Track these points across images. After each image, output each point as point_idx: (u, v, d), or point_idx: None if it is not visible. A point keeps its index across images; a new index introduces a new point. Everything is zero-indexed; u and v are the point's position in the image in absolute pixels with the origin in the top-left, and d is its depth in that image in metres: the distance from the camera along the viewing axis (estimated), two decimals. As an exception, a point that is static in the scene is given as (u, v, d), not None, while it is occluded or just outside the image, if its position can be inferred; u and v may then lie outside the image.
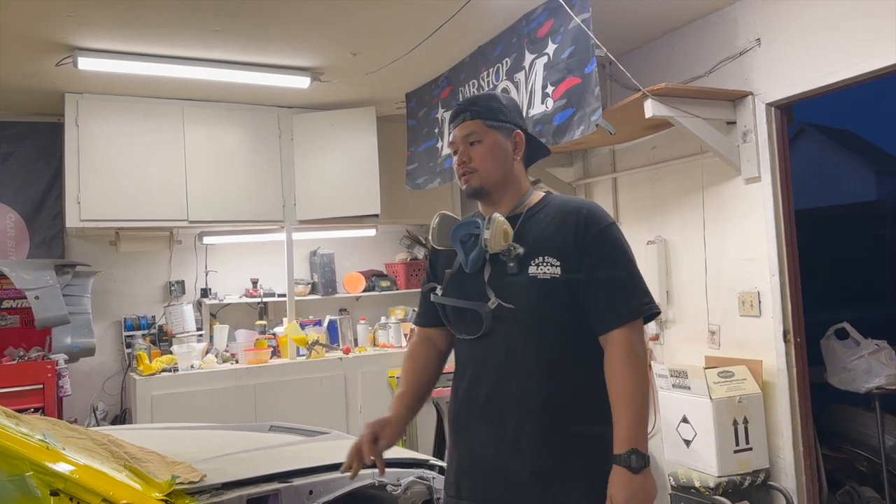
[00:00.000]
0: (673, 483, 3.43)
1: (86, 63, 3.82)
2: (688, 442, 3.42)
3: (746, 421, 3.32)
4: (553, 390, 1.68)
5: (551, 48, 3.36)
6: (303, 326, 5.06)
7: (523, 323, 1.71)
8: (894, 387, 3.67)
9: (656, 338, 4.06)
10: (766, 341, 3.42)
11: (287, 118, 5.03)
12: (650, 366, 3.23)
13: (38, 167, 4.83)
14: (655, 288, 3.93)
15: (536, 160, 1.97)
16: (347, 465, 1.78)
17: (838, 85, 3.11)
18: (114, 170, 4.48)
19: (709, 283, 3.74)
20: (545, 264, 1.70)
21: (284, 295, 5.14)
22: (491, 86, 3.90)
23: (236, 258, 5.37)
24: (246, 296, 5.24)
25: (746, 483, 3.28)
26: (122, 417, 4.83)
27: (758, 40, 3.43)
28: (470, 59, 4.09)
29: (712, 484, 3.23)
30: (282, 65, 4.19)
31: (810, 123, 15.68)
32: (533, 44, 3.50)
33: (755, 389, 3.38)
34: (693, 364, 3.52)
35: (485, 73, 3.94)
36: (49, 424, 2.05)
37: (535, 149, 1.94)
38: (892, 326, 4.29)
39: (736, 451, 3.29)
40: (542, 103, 3.41)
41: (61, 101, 4.43)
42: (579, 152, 4.71)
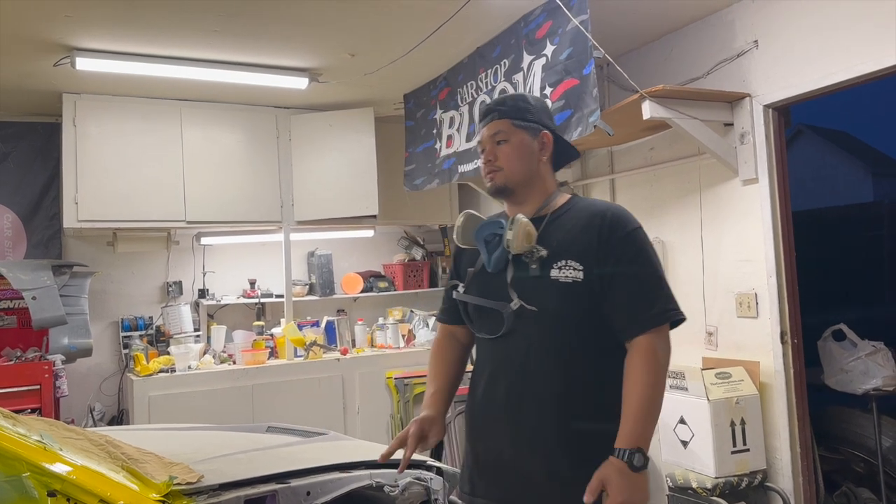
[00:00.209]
0: (670, 484, 3.44)
1: (84, 63, 3.81)
2: (685, 443, 3.42)
3: (744, 422, 3.33)
4: (572, 392, 1.69)
5: (549, 49, 3.36)
6: (300, 327, 5.06)
7: (544, 325, 1.71)
8: (891, 388, 3.68)
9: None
10: (764, 342, 3.43)
11: (285, 119, 5.03)
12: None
13: (36, 167, 4.82)
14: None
15: (566, 163, 1.97)
16: (387, 455, 1.80)
17: (836, 87, 3.12)
18: (111, 170, 4.47)
19: (706, 285, 3.75)
20: (567, 267, 1.70)
21: (282, 296, 5.14)
22: (489, 87, 3.90)
23: (234, 259, 5.37)
24: (243, 296, 5.24)
25: (744, 484, 3.29)
26: (120, 418, 4.82)
27: (755, 42, 3.44)
28: (468, 61, 4.10)
29: (709, 485, 3.23)
30: (280, 65, 4.19)
31: (808, 125, 15.73)
32: (531, 45, 3.50)
33: (752, 391, 3.39)
34: (690, 365, 3.53)
35: (483, 75, 3.94)
36: (46, 425, 2.04)
37: (564, 151, 1.94)
38: (890, 328, 4.30)
39: (733, 452, 3.30)
40: (540, 104, 3.41)
41: (59, 102, 4.42)
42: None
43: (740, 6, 3.52)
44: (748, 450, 3.33)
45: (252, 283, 5.28)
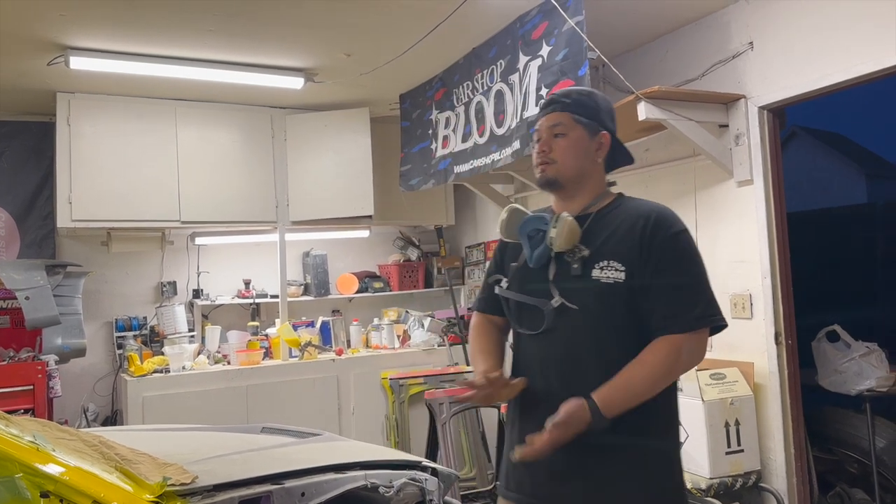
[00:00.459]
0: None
1: (78, 62, 3.80)
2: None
3: (738, 423, 3.34)
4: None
5: (545, 50, 3.36)
6: (295, 328, 5.05)
7: (583, 324, 1.71)
8: (885, 389, 3.69)
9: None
10: (758, 343, 3.44)
11: (280, 119, 5.02)
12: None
13: (29, 167, 4.80)
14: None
15: (620, 166, 1.95)
16: (470, 391, 1.74)
17: (831, 88, 3.13)
18: (105, 170, 4.46)
19: (701, 286, 3.75)
20: (609, 268, 1.69)
21: (277, 296, 5.13)
22: (485, 87, 3.90)
23: (229, 259, 5.36)
24: (238, 297, 5.23)
25: (738, 485, 3.29)
26: (113, 419, 4.81)
27: (750, 44, 3.45)
28: (464, 61, 4.10)
29: (704, 485, 3.24)
30: (275, 65, 4.19)
31: (802, 127, 15.78)
32: (527, 46, 3.50)
33: (747, 391, 3.40)
34: (685, 366, 3.53)
35: (479, 75, 3.94)
36: (39, 426, 2.03)
37: (620, 154, 1.92)
38: (883, 329, 4.31)
39: (727, 453, 3.30)
40: (536, 105, 3.41)
41: (53, 101, 4.41)
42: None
43: (736, 8, 3.52)
44: (742, 450, 3.34)
45: (247, 284, 5.26)
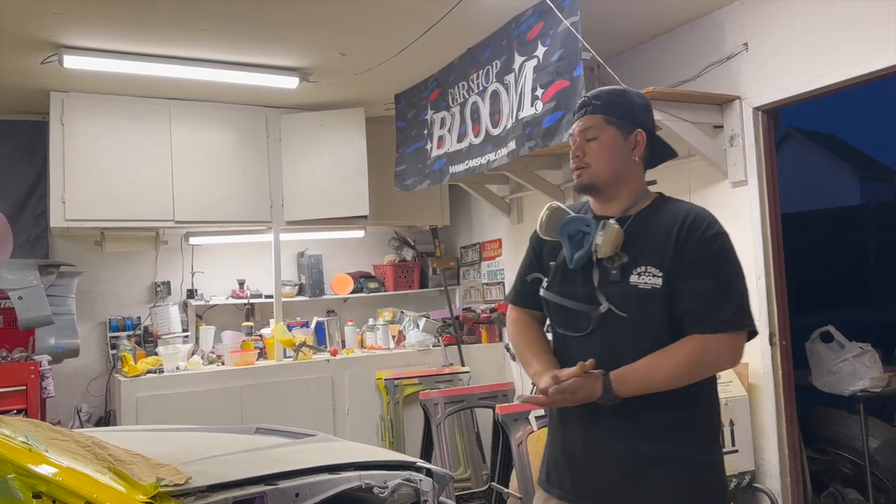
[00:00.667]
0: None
1: (71, 61, 3.78)
2: (674, 444, 3.43)
3: (732, 423, 3.34)
4: (648, 398, 1.68)
5: (541, 51, 3.36)
6: (290, 328, 5.04)
7: (623, 329, 1.72)
8: (878, 389, 3.71)
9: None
10: (752, 344, 3.40)
11: (275, 118, 5.01)
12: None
13: (22, 166, 4.78)
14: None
15: (661, 161, 1.92)
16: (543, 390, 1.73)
17: (825, 89, 3.14)
18: (99, 169, 4.44)
19: (696, 286, 3.75)
20: (647, 274, 1.70)
21: (271, 296, 5.11)
22: (480, 88, 3.90)
23: (223, 259, 5.34)
24: (232, 297, 5.22)
25: (732, 485, 3.30)
26: (107, 419, 4.79)
27: (745, 45, 3.46)
28: (459, 61, 4.10)
29: (698, 486, 3.24)
30: (270, 65, 4.18)
31: (796, 128, 15.84)
32: (522, 46, 3.51)
33: (741, 392, 3.40)
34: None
35: (475, 76, 3.94)
36: (32, 426, 2.02)
37: (660, 149, 1.89)
38: (877, 330, 4.33)
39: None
40: (532, 106, 3.41)
41: (46, 100, 4.39)
42: (568, 155, 4.70)
43: (730, 9, 3.53)
44: (737, 451, 3.34)
45: (241, 284, 5.25)
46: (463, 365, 5.08)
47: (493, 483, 3.60)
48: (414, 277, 5.83)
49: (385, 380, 4.83)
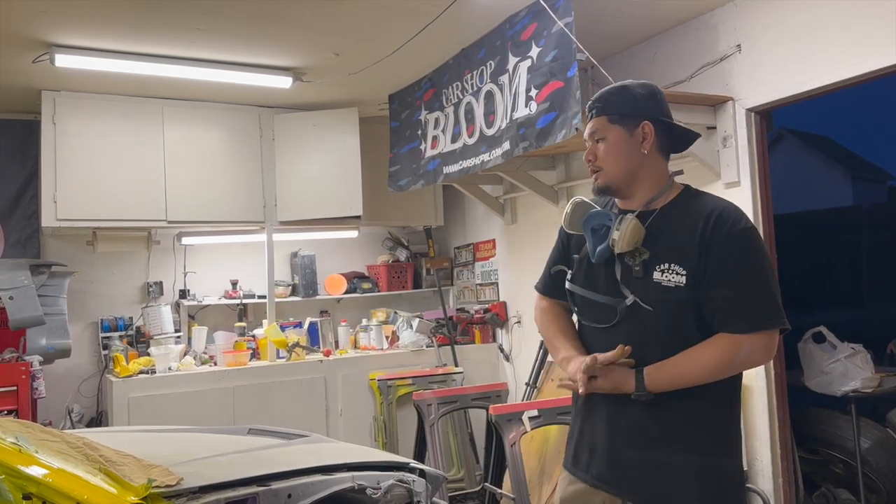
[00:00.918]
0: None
1: (63, 60, 3.76)
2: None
3: (725, 424, 3.34)
4: (673, 395, 1.71)
5: (535, 51, 3.37)
6: (283, 328, 5.03)
7: (648, 322, 1.73)
8: (870, 390, 3.72)
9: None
10: (745, 345, 3.44)
11: (268, 118, 5.00)
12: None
13: (13, 165, 4.75)
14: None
15: (686, 145, 1.93)
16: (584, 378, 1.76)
17: (818, 91, 3.15)
18: (91, 169, 4.42)
19: (689, 287, 3.76)
20: (670, 271, 1.71)
21: (264, 296, 5.10)
22: (475, 88, 3.90)
23: (215, 259, 5.33)
24: (225, 297, 5.20)
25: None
26: (98, 420, 4.76)
27: (738, 46, 3.47)
28: (453, 62, 4.09)
29: (691, 486, 3.24)
30: (264, 64, 4.17)
31: (789, 129, 15.91)
32: (517, 47, 3.51)
33: (734, 392, 3.40)
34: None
35: (468, 76, 3.94)
36: (22, 427, 2.01)
37: (679, 133, 1.89)
38: (868, 330, 4.35)
39: (715, 454, 3.31)
40: (526, 106, 3.41)
41: (37, 99, 4.36)
42: (562, 155, 4.72)
43: (724, 10, 3.54)
44: (729, 451, 3.34)
45: (234, 284, 5.24)
46: (456, 365, 5.08)
47: (487, 483, 3.60)
48: (407, 278, 5.82)
49: (378, 380, 4.83)
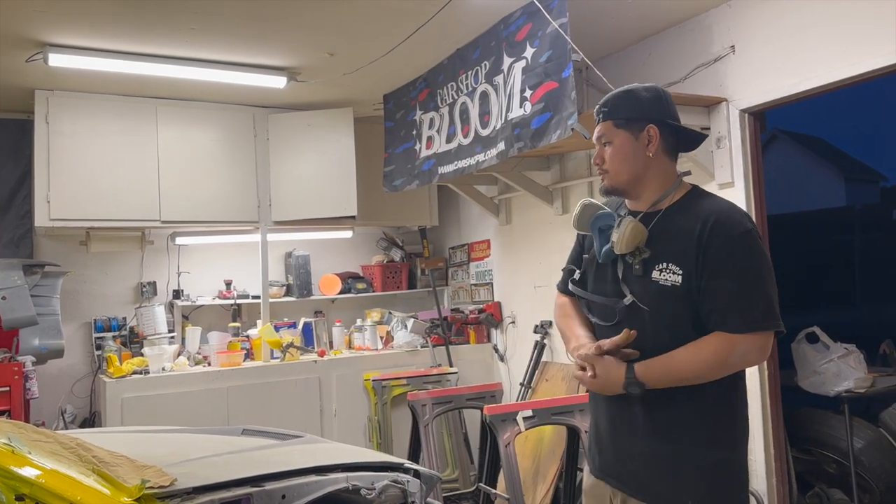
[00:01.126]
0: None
1: (57, 60, 3.75)
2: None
3: (719, 424, 3.35)
4: (668, 392, 1.76)
5: (529, 52, 3.37)
6: (277, 329, 5.02)
7: (646, 322, 1.79)
8: (862, 390, 3.74)
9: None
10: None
11: (263, 118, 4.99)
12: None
13: (6, 165, 4.73)
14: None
15: (690, 147, 1.98)
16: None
17: (811, 92, 3.17)
18: (85, 168, 4.40)
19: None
20: (668, 271, 1.76)
21: (258, 297, 5.09)
22: (469, 88, 3.90)
23: (209, 259, 5.31)
24: (219, 297, 5.19)
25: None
26: (92, 420, 4.75)
27: (732, 47, 3.48)
28: (448, 62, 4.09)
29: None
30: (258, 64, 4.16)
31: (783, 130, 15.97)
32: (511, 47, 3.51)
33: (728, 392, 3.41)
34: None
35: (463, 76, 3.94)
36: (15, 428, 2.00)
37: (686, 135, 1.93)
38: (861, 330, 4.37)
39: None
40: (521, 107, 3.42)
41: (31, 98, 4.34)
42: (556, 156, 4.73)
43: (718, 12, 3.55)
44: (723, 451, 3.35)
45: (228, 284, 5.22)
46: (451, 366, 5.08)
47: (481, 484, 3.60)
48: (402, 278, 5.82)
49: (373, 381, 4.82)
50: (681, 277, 1.73)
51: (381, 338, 5.28)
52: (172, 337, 4.95)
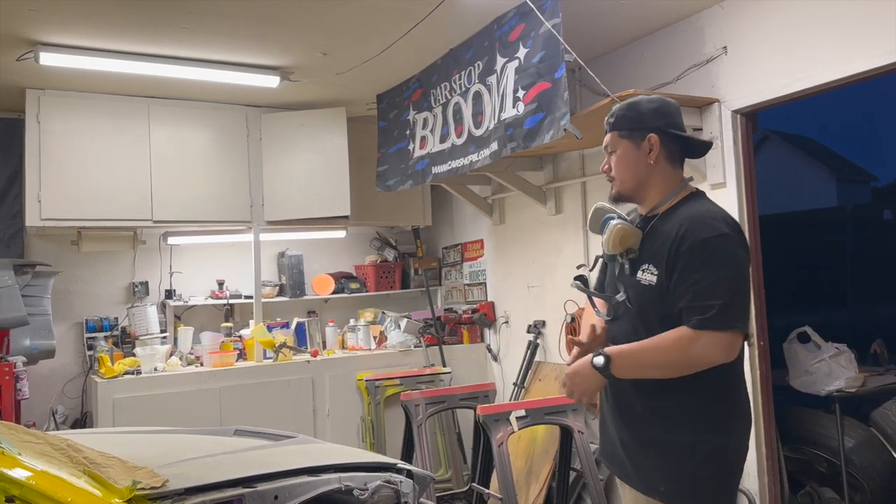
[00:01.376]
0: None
1: (48, 58, 3.73)
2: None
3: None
4: (643, 384, 1.90)
5: (522, 52, 3.37)
6: (270, 329, 5.01)
7: (632, 319, 1.96)
8: (853, 389, 3.76)
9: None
10: (731, 345, 3.46)
11: (255, 117, 4.98)
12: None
13: (-3, 164, 4.71)
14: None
15: (695, 153, 2.09)
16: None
17: (803, 93, 3.18)
18: (76, 168, 4.38)
19: (675, 287, 3.78)
20: (647, 271, 1.91)
21: (251, 297, 5.08)
22: (463, 89, 3.90)
23: (202, 259, 5.30)
24: (211, 297, 5.17)
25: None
26: (83, 421, 4.73)
27: (724, 48, 3.49)
28: (441, 62, 4.09)
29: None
30: (251, 63, 4.15)
31: (774, 130, 16.04)
32: (504, 47, 3.51)
33: (720, 392, 3.42)
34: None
35: (457, 76, 3.94)
36: (5, 429, 1.99)
37: (689, 141, 2.03)
38: (852, 330, 4.39)
39: (701, 453, 3.33)
40: (514, 107, 3.42)
41: (22, 97, 4.32)
42: (549, 156, 4.73)
43: (710, 13, 3.57)
44: (715, 450, 3.36)
45: (220, 284, 5.21)
46: (444, 366, 5.09)
47: (474, 484, 3.60)
48: (395, 278, 5.82)
49: (366, 381, 4.82)
50: (656, 278, 1.87)
51: (375, 338, 5.28)
52: (164, 337, 4.93)
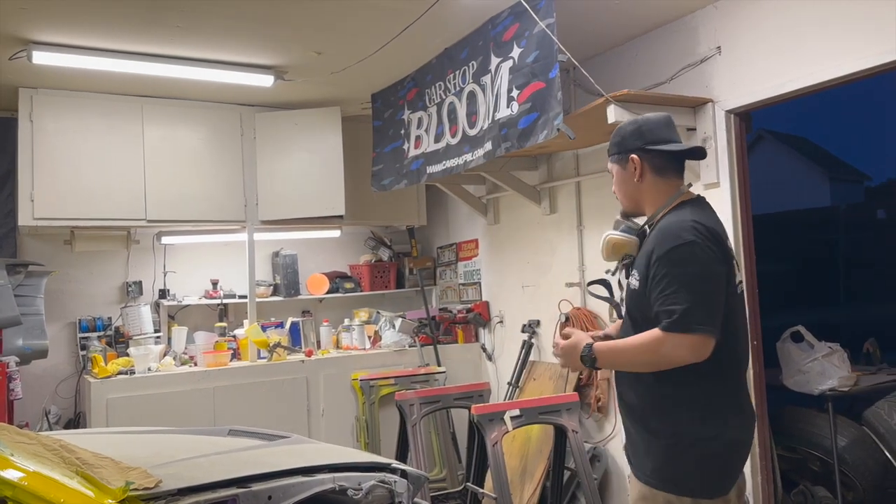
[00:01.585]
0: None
1: (41, 57, 3.72)
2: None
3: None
4: (639, 378, 2.06)
5: (516, 52, 3.37)
6: (264, 328, 4.99)
7: (626, 317, 2.15)
8: (846, 389, 3.78)
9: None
10: (725, 344, 3.47)
11: (250, 117, 4.97)
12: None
13: (-10, 163, 4.69)
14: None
15: (689, 157, 2.18)
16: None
17: (796, 93, 3.19)
18: (69, 167, 4.37)
19: (669, 287, 3.79)
20: (634, 277, 2.07)
21: (245, 296, 5.07)
22: (457, 88, 3.90)
23: (196, 259, 5.29)
24: (205, 297, 5.16)
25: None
26: (76, 421, 4.71)
27: (718, 48, 3.50)
28: (436, 61, 4.09)
29: (671, 485, 3.26)
30: (245, 62, 4.14)
31: (768, 130, 16.09)
32: (499, 47, 3.51)
33: (713, 391, 3.43)
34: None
35: (451, 76, 3.94)
36: (-3, 429, 1.98)
37: (668, 156, 2.10)
38: (845, 329, 4.41)
39: (694, 453, 3.33)
40: (508, 107, 3.42)
41: (14, 96, 4.31)
42: (544, 156, 4.74)
43: (704, 13, 3.58)
44: (709, 450, 3.37)
45: (214, 284, 5.20)
46: (439, 365, 5.09)
47: (469, 483, 3.60)
48: (390, 277, 5.82)
49: (360, 380, 4.82)
50: (639, 283, 2.03)
51: (369, 337, 5.28)
52: (158, 337, 4.92)
